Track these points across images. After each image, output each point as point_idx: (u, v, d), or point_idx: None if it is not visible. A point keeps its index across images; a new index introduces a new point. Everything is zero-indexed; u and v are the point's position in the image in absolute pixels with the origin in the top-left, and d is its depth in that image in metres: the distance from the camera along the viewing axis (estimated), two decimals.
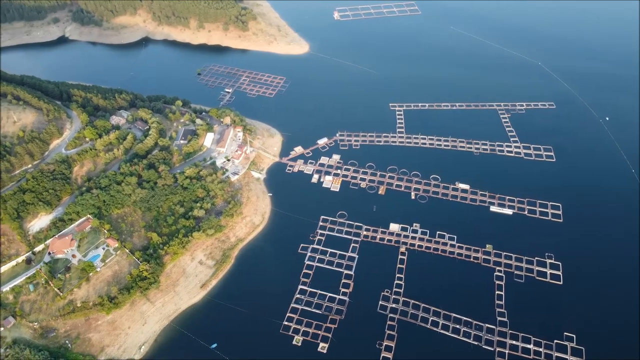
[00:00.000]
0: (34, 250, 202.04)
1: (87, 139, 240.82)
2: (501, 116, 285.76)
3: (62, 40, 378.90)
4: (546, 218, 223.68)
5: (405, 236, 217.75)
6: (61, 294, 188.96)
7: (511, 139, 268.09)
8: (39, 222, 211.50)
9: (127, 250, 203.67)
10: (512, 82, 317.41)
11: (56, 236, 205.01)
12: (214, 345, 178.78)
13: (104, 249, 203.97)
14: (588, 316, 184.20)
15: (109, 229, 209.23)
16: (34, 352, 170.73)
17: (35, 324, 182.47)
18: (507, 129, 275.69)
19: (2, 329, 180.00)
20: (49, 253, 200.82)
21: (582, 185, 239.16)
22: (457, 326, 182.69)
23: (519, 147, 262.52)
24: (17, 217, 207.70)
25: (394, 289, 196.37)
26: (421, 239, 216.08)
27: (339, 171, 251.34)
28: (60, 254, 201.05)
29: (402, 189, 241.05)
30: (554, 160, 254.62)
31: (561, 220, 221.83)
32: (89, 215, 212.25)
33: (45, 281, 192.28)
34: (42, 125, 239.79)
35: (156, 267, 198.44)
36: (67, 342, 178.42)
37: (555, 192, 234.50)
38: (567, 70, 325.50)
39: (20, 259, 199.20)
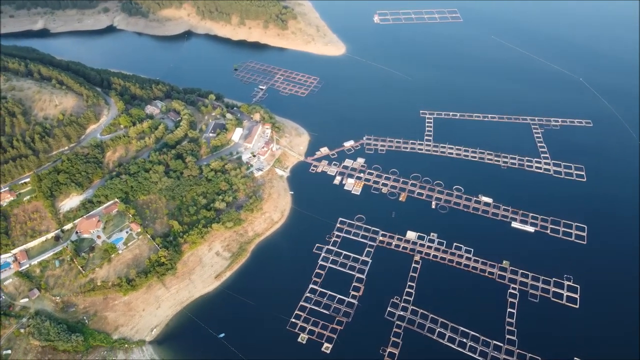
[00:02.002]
0: (63, 228, 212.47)
1: (122, 126, 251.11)
2: (534, 131, 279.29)
3: (110, 29, 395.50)
4: (569, 239, 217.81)
5: (421, 245, 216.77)
6: (84, 272, 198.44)
7: (542, 155, 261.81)
8: (70, 202, 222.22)
9: (148, 236, 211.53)
10: (549, 97, 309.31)
11: (84, 217, 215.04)
12: (222, 335, 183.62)
13: (127, 232, 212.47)
14: (601, 343, 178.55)
15: (134, 213, 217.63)
16: (54, 324, 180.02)
17: (58, 298, 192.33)
18: (538, 144, 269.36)
19: (27, 299, 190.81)
20: (76, 232, 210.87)
21: (611, 208, 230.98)
22: (464, 340, 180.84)
23: (548, 164, 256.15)
24: (50, 196, 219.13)
25: (404, 297, 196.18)
26: (437, 249, 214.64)
27: (361, 175, 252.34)
28: (86, 234, 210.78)
29: (424, 197, 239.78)
30: (585, 180, 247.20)
31: (585, 243, 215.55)
32: (116, 199, 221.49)
33: (70, 258, 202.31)
34: (81, 110, 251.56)
35: (174, 255, 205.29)
36: (84, 318, 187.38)
37: (582, 213, 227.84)
38: (609, 88, 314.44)
39: (49, 236, 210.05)
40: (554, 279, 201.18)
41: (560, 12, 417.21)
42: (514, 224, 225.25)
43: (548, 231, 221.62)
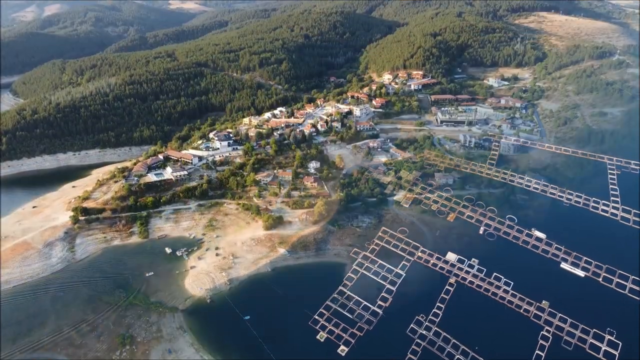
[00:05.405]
0: None
1: None
2: (609, 171, 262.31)
3: None
4: (622, 291, 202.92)
5: (460, 268, 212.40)
6: None
7: (612, 198, 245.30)
8: None
9: None
10: (634, 137, 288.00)
11: None
12: (247, 317, 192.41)
13: None
14: None
15: None
16: None
17: None
18: (610, 185, 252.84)
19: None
20: None
21: None
22: None
23: (617, 208, 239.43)
24: None
25: (430, 317, 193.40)
26: (475, 276, 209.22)
27: (414, 187, 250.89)
28: None
29: (473, 221, 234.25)
30: None
31: (639, 299, 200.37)
32: None
33: None
34: None
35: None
36: None
37: None
38: None
39: None
40: (594, 329, 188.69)
41: None
42: (564, 265, 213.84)
43: (600, 279, 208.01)
